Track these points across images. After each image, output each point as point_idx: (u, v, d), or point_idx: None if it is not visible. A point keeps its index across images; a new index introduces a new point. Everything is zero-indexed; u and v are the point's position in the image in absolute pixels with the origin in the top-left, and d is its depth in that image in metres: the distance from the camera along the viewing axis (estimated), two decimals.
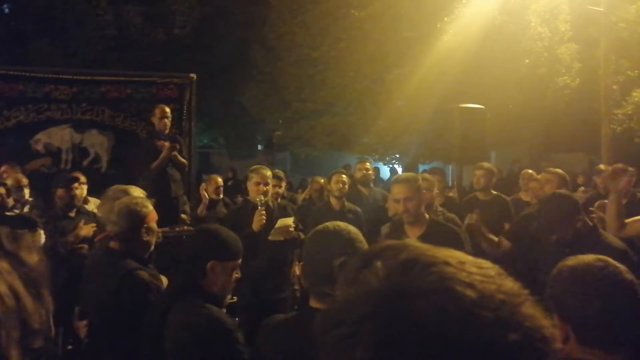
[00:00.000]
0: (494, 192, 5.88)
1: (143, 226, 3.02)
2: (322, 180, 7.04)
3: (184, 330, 2.32)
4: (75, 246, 5.15)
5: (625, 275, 1.79)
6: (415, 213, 3.65)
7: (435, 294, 0.62)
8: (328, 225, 2.01)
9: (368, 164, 6.76)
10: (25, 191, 5.74)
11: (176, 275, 2.57)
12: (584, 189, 8.32)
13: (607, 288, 1.75)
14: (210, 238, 2.52)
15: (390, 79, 13.17)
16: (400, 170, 15.91)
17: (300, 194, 9.57)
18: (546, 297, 1.82)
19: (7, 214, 4.96)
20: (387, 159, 15.82)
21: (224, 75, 16.64)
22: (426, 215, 3.78)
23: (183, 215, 6.67)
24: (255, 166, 5.11)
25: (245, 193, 6.01)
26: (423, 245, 0.72)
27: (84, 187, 5.94)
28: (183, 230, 5.71)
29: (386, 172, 17.52)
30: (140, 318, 2.74)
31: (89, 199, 6.12)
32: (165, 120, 6.46)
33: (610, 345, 1.72)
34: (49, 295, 0.87)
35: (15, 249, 0.88)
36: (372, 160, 14.02)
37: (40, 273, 0.88)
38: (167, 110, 6.54)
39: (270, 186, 4.94)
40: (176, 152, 6.31)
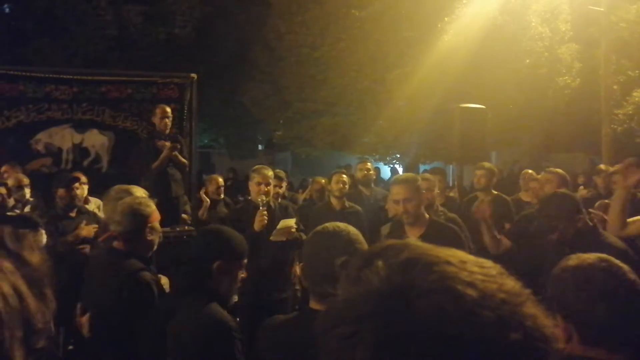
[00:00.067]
0: (494, 192, 5.87)
1: (147, 226, 3.03)
2: (323, 180, 7.04)
3: (187, 330, 2.32)
4: (76, 247, 5.15)
5: (628, 275, 1.80)
6: (414, 214, 3.64)
7: (436, 294, 0.62)
8: (328, 226, 2.01)
9: (369, 164, 6.75)
10: (26, 191, 5.74)
11: (181, 276, 2.58)
12: (585, 189, 8.32)
13: (610, 288, 1.75)
14: (216, 238, 2.53)
15: (391, 79, 13.16)
16: (400, 170, 15.90)
17: (300, 194, 9.56)
18: (548, 297, 1.82)
19: (8, 214, 4.96)
20: (388, 159, 15.80)
21: (224, 75, 16.62)
22: (426, 216, 3.77)
23: (184, 215, 6.67)
24: (257, 166, 5.08)
25: (247, 193, 6.00)
26: (424, 244, 0.72)
27: (85, 187, 5.95)
28: (184, 230, 5.71)
29: (387, 172, 17.51)
30: (142, 318, 2.74)
31: (90, 198, 6.13)
32: (166, 120, 6.46)
33: (612, 345, 1.72)
34: (51, 295, 0.88)
35: (18, 249, 0.89)
36: (373, 160, 14.01)
37: (43, 273, 0.89)
38: (168, 110, 6.54)
39: (272, 186, 4.92)
40: (177, 152, 6.31)
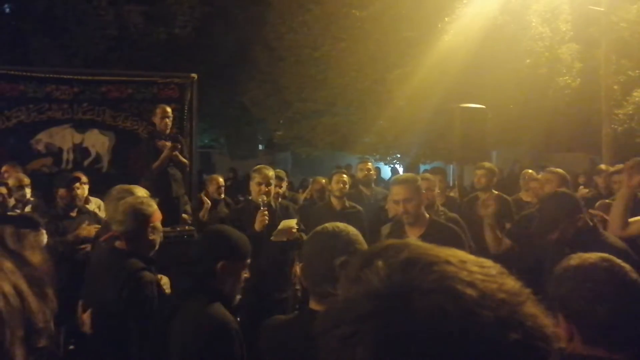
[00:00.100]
0: (495, 192, 5.87)
1: (148, 225, 3.04)
2: (324, 180, 7.04)
3: (188, 328, 2.33)
4: (76, 247, 5.15)
5: (630, 274, 1.80)
6: (414, 214, 3.63)
7: (436, 293, 0.62)
8: (327, 226, 2.01)
9: (370, 164, 6.76)
10: (27, 191, 5.74)
11: (185, 276, 2.58)
12: (585, 189, 8.32)
13: (613, 288, 1.75)
14: (220, 238, 2.53)
15: (392, 78, 13.16)
16: (401, 170, 15.89)
17: (301, 194, 9.56)
18: (550, 296, 1.82)
19: (9, 213, 4.97)
20: (388, 158, 15.79)
21: (225, 75, 16.63)
22: (426, 215, 3.76)
23: (184, 215, 6.67)
24: (258, 166, 5.07)
25: (247, 193, 6.00)
26: (424, 244, 0.72)
27: (86, 187, 5.95)
28: (184, 230, 5.71)
29: (387, 172, 17.50)
30: (143, 317, 2.75)
31: (90, 198, 6.13)
32: (167, 120, 6.46)
33: (614, 344, 1.72)
34: (52, 295, 0.88)
35: (19, 249, 0.89)
36: (373, 160, 14.01)
37: (44, 272, 0.89)
38: (168, 110, 6.54)
39: (272, 186, 4.91)
40: (177, 152, 6.31)
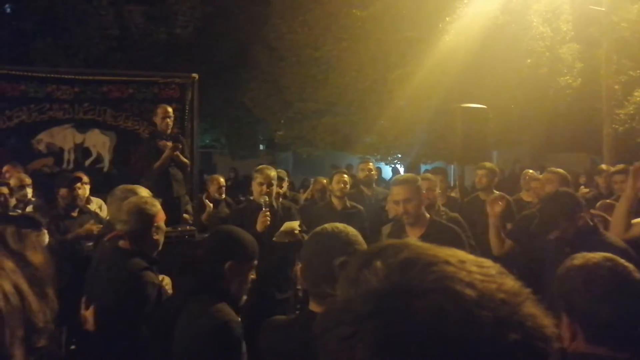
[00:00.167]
0: (496, 192, 5.86)
1: (153, 225, 3.05)
2: (325, 180, 7.04)
3: (193, 327, 2.33)
4: (77, 246, 5.16)
5: (634, 274, 1.80)
6: (415, 214, 3.62)
7: (436, 294, 0.62)
8: (327, 226, 2.01)
9: (371, 164, 6.76)
10: (28, 191, 5.74)
11: (192, 275, 2.58)
12: (585, 189, 8.32)
13: (616, 287, 1.76)
14: (228, 239, 2.53)
15: (392, 78, 13.15)
16: (402, 170, 15.89)
17: (302, 193, 9.57)
18: (553, 295, 1.82)
19: (11, 213, 4.98)
20: (389, 158, 15.78)
21: (225, 75, 16.63)
22: (427, 215, 3.75)
23: (185, 215, 6.67)
24: (260, 166, 5.06)
25: (247, 192, 6.00)
26: (423, 244, 0.71)
27: (87, 187, 5.95)
28: (185, 230, 5.70)
29: (388, 172, 17.49)
30: (144, 317, 2.75)
31: (92, 198, 6.14)
32: (168, 120, 6.45)
33: (617, 343, 1.73)
34: (53, 295, 0.88)
35: (20, 249, 0.89)
36: (374, 160, 14.01)
37: (45, 273, 0.89)
38: (170, 110, 6.54)
39: (274, 187, 4.90)
40: (178, 152, 6.31)
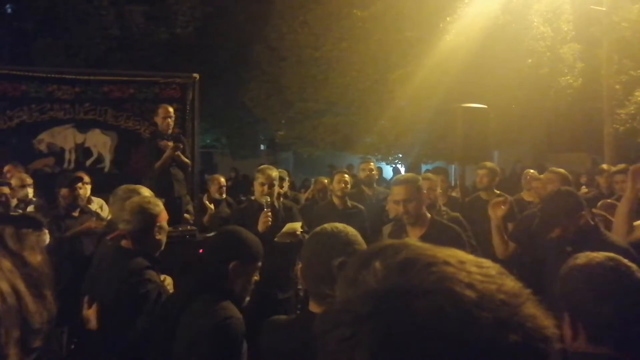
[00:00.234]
0: (497, 192, 5.87)
1: (155, 225, 3.05)
2: (326, 180, 7.04)
3: (198, 323, 2.33)
4: (77, 245, 5.16)
5: (637, 274, 1.80)
6: (415, 214, 3.61)
7: (435, 295, 0.61)
8: (326, 226, 2.00)
9: (372, 164, 6.76)
10: (29, 190, 5.74)
11: (196, 275, 2.58)
12: (586, 188, 8.31)
13: (619, 287, 1.76)
14: (234, 239, 2.53)
15: (393, 78, 13.15)
16: (403, 170, 15.89)
17: (303, 193, 9.57)
18: (555, 295, 1.82)
19: (12, 213, 4.97)
20: (390, 158, 15.78)
21: (226, 75, 16.63)
22: (428, 215, 3.75)
23: (186, 215, 6.67)
24: (262, 166, 5.06)
25: (248, 192, 5.99)
26: (423, 244, 0.71)
27: (88, 187, 5.95)
28: (186, 230, 5.71)
29: (389, 172, 17.49)
30: (145, 316, 2.75)
31: (93, 198, 6.13)
32: (169, 120, 6.45)
33: (620, 343, 1.72)
34: (51, 296, 0.87)
35: (19, 249, 0.89)
36: (375, 160, 14.01)
37: (43, 273, 0.89)
38: (170, 110, 6.53)
39: (276, 187, 4.90)
40: (179, 152, 6.31)
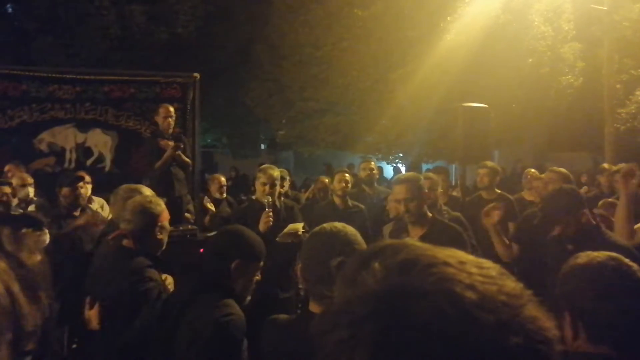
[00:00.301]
0: (497, 191, 5.86)
1: (157, 224, 3.05)
2: (327, 179, 7.05)
3: (200, 321, 2.33)
4: (77, 243, 5.15)
5: (638, 274, 1.80)
6: (416, 213, 3.61)
7: (435, 296, 0.61)
8: (325, 226, 2.00)
9: (372, 163, 6.77)
10: (30, 190, 5.74)
11: (198, 272, 2.59)
12: (588, 188, 8.30)
13: (620, 287, 1.76)
14: (236, 238, 2.54)
15: (394, 78, 13.15)
16: (403, 169, 15.89)
17: (303, 193, 9.57)
18: (555, 293, 1.82)
19: (12, 213, 4.97)
20: (391, 158, 15.79)
21: (227, 75, 16.62)
22: (429, 215, 3.74)
23: (187, 215, 6.67)
24: (263, 166, 5.05)
25: (248, 191, 5.99)
26: (423, 245, 0.70)
27: (89, 187, 5.94)
28: (187, 229, 5.70)
29: (390, 171, 17.49)
30: (146, 315, 2.74)
31: (93, 198, 6.13)
32: (169, 119, 6.45)
33: (620, 343, 1.72)
34: (46, 298, 0.87)
35: (15, 250, 0.88)
36: (376, 159, 14.01)
37: (39, 275, 0.88)
38: (171, 109, 6.54)
39: (277, 187, 4.89)
40: (180, 152, 6.31)
